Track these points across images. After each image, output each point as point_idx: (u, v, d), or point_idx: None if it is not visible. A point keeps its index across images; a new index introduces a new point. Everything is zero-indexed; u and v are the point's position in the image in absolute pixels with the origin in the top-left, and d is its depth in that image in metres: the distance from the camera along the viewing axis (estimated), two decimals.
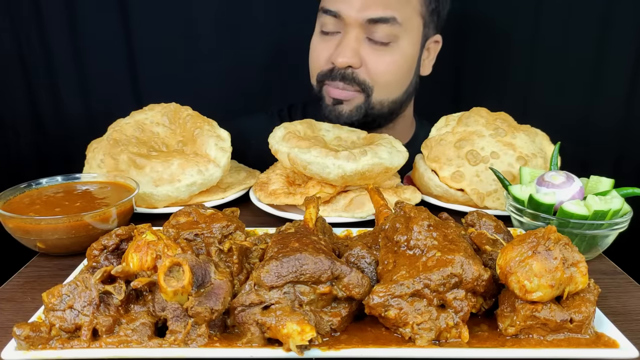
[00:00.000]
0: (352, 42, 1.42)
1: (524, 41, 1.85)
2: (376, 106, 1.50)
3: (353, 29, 1.41)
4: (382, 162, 1.13)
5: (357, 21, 1.40)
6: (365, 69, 1.45)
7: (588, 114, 1.89)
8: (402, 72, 1.49)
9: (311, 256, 0.71)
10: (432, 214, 0.82)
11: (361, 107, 1.49)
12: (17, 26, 1.77)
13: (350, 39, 1.42)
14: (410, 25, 1.45)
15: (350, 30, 1.42)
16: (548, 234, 0.70)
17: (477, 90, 1.94)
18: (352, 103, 1.49)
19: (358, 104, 1.49)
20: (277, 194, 1.17)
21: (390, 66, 1.45)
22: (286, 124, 1.26)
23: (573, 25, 1.80)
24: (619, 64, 1.82)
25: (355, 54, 1.42)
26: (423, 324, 0.69)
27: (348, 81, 1.45)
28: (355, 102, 1.48)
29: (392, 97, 1.51)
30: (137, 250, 0.74)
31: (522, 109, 1.86)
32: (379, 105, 1.50)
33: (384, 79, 1.47)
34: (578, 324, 0.69)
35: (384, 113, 1.53)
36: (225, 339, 0.70)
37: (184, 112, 1.32)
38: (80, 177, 1.16)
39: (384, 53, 1.44)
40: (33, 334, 0.67)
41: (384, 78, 1.46)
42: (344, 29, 1.43)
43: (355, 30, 1.41)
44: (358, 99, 1.48)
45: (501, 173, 1.13)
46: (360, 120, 1.50)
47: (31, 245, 0.99)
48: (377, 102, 1.49)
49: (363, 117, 1.50)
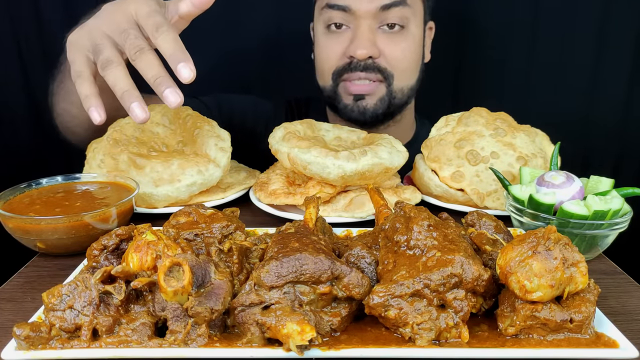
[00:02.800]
0: (367, 32, 1.42)
1: (524, 41, 1.85)
2: (398, 94, 1.50)
3: (365, 20, 1.42)
4: (382, 162, 1.13)
5: (369, 12, 1.41)
6: (384, 58, 1.46)
7: (588, 114, 1.89)
8: (415, 56, 1.51)
9: (311, 256, 0.71)
10: (432, 214, 0.82)
11: (384, 99, 1.49)
12: (17, 26, 1.77)
13: (365, 30, 1.42)
14: (416, 7, 1.47)
15: (363, 22, 1.42)
16: (548, 234, 0.70)
17: (477, 90, 1.95)
18: (375, 96, 1.49)
19: (381, 96, 1.49)
20: (277, 194, 1.17)
21: (406, 51, 1.47)
22: (286, 124, 1.26)
23: (573, 25, 1.80)
24: (619, 64, 1.82)
25: (372, 44, 1.43)
26: (423, 324, 0.69)
27: (370, 70, 1.45)
28: (378, 94, 1.49)
29: (410, 83, 1.53)
30: (137, 250, 0.74)
31: (522, 109, 1.86)
32: (400, 93, 1.50)
33: (401, 65, 1.48)
34: (578, 324, 0.69)
35: (404, 101, 1.54)
36: (225, 339, 0.70)
37: (184, 112, 1.32)
38: (80, 177, 1.16)
39: (399, 39, 1.45)
40: (33, 334, 0.67)
41: (401, 64, 1.48)
42: (355, 22, 1.43)
43: (367, 21, 1.42)
44: (380, 90, 1.48)
45: (501, 173, 1.13)
46: (384, 112, 1.50)
47: (31, 245, 0.99)
48: (398, 89, 1.50)
49: (387, 108, 1.50)
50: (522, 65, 1.88)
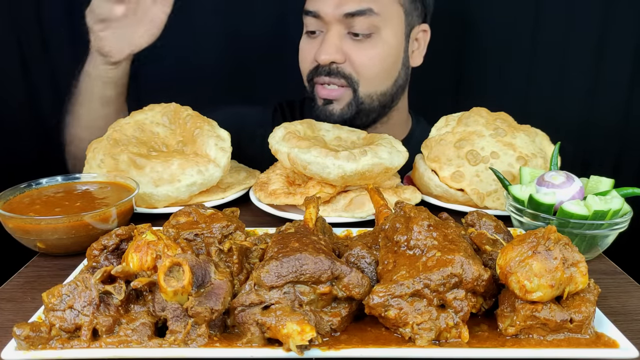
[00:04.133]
0: (334, 38, 1.44)
1: (524, 41, 1.85)
2: (365, 100, 1.51)
3: (333, 26, 1.44)
4: (382, 162, 1.13)
5: (335, 18, 1.43)
6: (350, 63, 1.47)
7: (588, 114, 1.89)
8: (387, 63, 1.50)
9: (311, 256, 0.71)
10: (432, 214, 0.82)
11: (351, 104, 1.50)
12: (17, 26, 1.77)
13: (331, 36, 1.45)
14: (389, 14, 1.46)
15: (331, 28, 1.45)
16: (548, 234, 0.70)
17: (477, 90, 1.95)
18: (342, 101, 1.50)
19: (348, 101, 1.50)
20: (277, 194, 1.17)
21: (374, 58, 1.47)
22: (286, 124, 1.26)
23: (573, 25, 1.80)
24: (619, 64, 1.82)
25: (337, 49, 1.44)
26: (423, 324, 0.69)
27: (334, 75, 1.47)
28: (345, 99, 1.50)
29: (380, 89, 1.52)
30: (137, 250, 0.74)
31: (522, 109, 1.86)
32: (368, 99, 1.51)
33: (369, 72, 1.48)
34: (578, 324, 0.69)
35: (375, 107, 1.54)
36: (225, 339, 0.70)
37: (184, 112, 1.32)
38: (80, 177, 1.16)
39: (366, 46, 1.46)
40: (33, 334, 0.67)
41: (368, 71, 1.48)
42: (325, 27, 1.46)
43: (335, 27, 1.44)
44: (346, 95, 1.49)
45: (501, 173, 1.13)
46: (352, 117, 1.51)
47: (31, 245, 0.99)
48: (365, 95, 1.50)
49: (355, 113, 1.51)
50: (522, 65, 1.88)
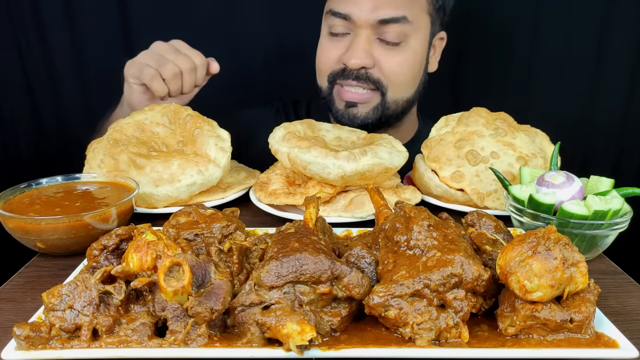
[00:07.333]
0: (364, 43, 1.42)
1: (524, 41, 1.85)
2: (391, 106, 1.50)
3: (364, 30, 1.42)
4: (382, 162, 1.13)
5: (368, 22, 1.40)
6: (379, 69, 1.45)
7: (588, 114, 1.89)
8: (414, 70, 1.50)
9: (311, 256, 0.71)
10: (432, 214, 0.82)
11: (377, 108, 1.49)
12: (17, 26, 1.77)
13: (362, 40, 1.42)
14: (419, 23, 1.46)
15: (361, 32, 1.42)
16: (548, 234, 0.70)
17: (477, 90, 1.95)
18: (369, 105, 1.49)
19: (375, 105, 1.49)
20: (277, 194, 1.17)
21: (403, 66, 1.46)
22: (286, 124, 1.26)
23: (573, 25, 1.80)
24: (619, 64, 1.82)
25: (367, 54, 1.42)
26: (423, 324, 0.69)
27: (362, 80, 1.45)
28: (372, 103, 1.48)
29: (406, 95, 1.52)
30: (137, 250, 0.74)
31: (522, 108, 1.87)
32: (394, 104, 1.50)
33: (397, 78, 1.47)
34: (578, 324, 0.69)
35: (398, 112, 1.53)
36: (225, 339, 0.70)
37: (184, 112, 1.32)
38: (80, 177, 1.16)
39: (396, 52, 1.44)
40: (33, 334, 0.67)
41: (397, 78, 1.47)
42: (355, 30, 1.43)
43: (366, 31, 1.42)
44: (374, 99, 1.48)
45: (501, 173, 1.13)
46: (375, 122, 1.50)
47: (31, 245, 0.99)
48: (392, 101, 1.49)
49: (378, 118, 1.50)
50: (522, 65, 1.88)
